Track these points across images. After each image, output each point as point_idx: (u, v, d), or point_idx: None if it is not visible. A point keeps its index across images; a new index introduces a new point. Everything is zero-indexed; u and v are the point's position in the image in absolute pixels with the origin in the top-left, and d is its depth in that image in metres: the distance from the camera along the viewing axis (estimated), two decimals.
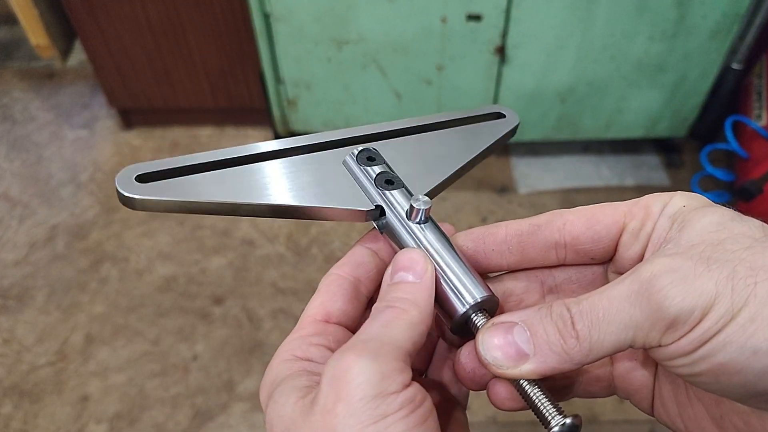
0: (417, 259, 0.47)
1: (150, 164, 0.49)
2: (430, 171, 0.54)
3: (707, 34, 2.19)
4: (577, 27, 2.16)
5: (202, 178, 0.50)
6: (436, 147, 0.57)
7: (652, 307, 0.38)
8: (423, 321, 0.44)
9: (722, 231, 0.40)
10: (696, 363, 0.38)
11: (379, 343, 0.41)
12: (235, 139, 2.85)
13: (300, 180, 0.52)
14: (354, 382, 0.38)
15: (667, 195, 0.45)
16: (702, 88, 2.38)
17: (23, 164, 2.81)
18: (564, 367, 0.42)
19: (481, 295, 0.47)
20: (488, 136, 0.58)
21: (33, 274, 2.40)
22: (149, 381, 2.10)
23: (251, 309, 2.25)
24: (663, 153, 2.74)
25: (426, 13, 2.14)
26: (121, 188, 0.48)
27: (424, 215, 0.49)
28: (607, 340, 0.40)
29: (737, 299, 0.36)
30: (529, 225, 0.49)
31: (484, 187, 2.61)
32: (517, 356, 0.43)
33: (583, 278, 0.52)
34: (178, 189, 0.49)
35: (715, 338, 0.37)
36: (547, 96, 2.39)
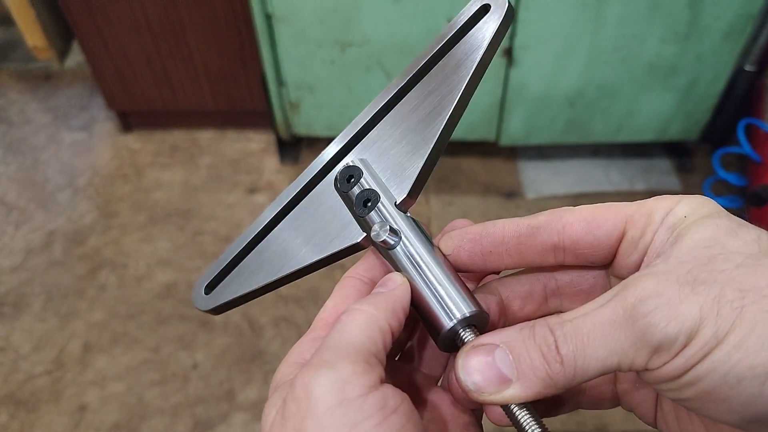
0: (391, 277, 0.48)
1: (209, 272, 0.56)
2: (410, 157, 0.51)
3: (720, 35, 2.19)
4: (587, 28, 2.16)
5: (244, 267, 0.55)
6: (415, 113, 0.53)
7: (637, 334, 0.38)
8: (383, 318, 0.44)
9: (714, 247, 0.39)
10: (682, 389, 0.38)
11: (334, 350, 0.41)
12: (236, 142, 2.85)
13: (303, 235, 0.53)
14: (315, 396, 0.39)
15: (673, 200, 0.44)
16: (714, 91, 2.38)
17: (19, 168, 2.82)
18: (548, 392, 0.41)
19: (469, 311, 0.46)
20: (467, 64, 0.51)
21: (30, 281, 2.41)
22: (148, 390, 2.11)
23: (252, 317, 2.26)
24: (674, 157, 2.73)
25: (432, 13, 2.14)
26: (199, 306, 0.56)
27: (392, 238, 0.49)
28: (592, 366, 0.39)
29: (723, 324, 0.36)
30: (528, 227, 0.48)
31: (491, 192, 2.61)
32: (499, 382, 0.42)
33: (585, 282, 0.51)
34: (232, 288, 0.55)
35: (700, 365, 0.36)
36: (556, 99, 2.39)
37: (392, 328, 0.45)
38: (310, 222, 0.54)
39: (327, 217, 0.53)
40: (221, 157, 2.80)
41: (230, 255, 0.56)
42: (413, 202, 0.52)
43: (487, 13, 0.51)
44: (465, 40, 0.52)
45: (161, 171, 2.76)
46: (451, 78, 0.52)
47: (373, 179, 0.52)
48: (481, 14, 0.52)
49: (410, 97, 0.54)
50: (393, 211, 0.50)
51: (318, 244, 0.52)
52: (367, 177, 0.52)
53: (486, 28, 0.51)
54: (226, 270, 0.56)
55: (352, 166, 0.53)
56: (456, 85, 0.51)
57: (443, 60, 0.53)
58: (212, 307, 0.55)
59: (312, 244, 0.52)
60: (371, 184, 0.51)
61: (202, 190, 2.68)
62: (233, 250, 0.56)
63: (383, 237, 0.48)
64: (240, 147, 2.84)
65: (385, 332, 0.44)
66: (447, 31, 0.53)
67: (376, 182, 0.52)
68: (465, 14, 0.52)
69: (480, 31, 0.51)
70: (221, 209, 2.59)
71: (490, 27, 0.51)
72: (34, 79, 3.25)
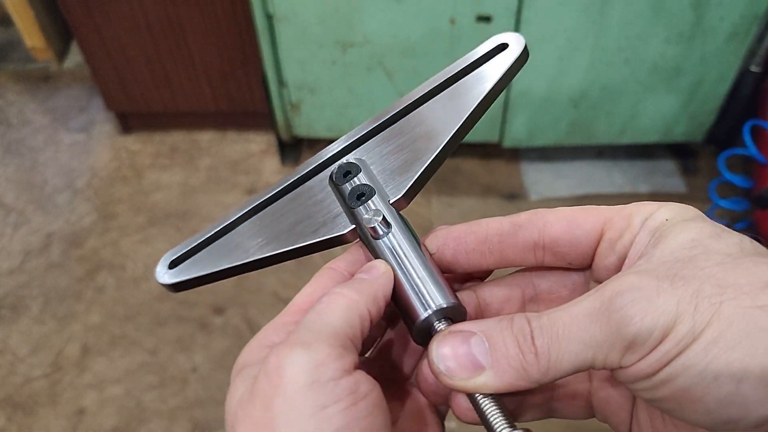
0: (375, 264, 0.48)
1: (177, 248, 0.56)
2: (410, 162, 0.53)
3: (725, 36, 2.19)
4: (590, 29, 2.16)
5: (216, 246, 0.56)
6: (422, 126, 0.55)
7: (612, 327, 0.38)
8: (363, 304, 0.44)
9: (696, 248, 0.39)
10: (657, 387, 0.38)
11: (312, 331, 0.41)
12: (236, 143, 2.86)
13: (289, 221, 0.54)
14: (287, 374, 0.39)
15: (653, 206, 0.44)
16: (719, 92, 2.38)
17: (18, 169, 2.83)
18: (520, 384, 0.41)
19: (447, 302, 0.46)
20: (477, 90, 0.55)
21: (27, 283, 2.41)
22: (147, 393, 2.11)
23: (252, 318, 2.26)
24: (679, 158, 2.73)
25: (434, 14, 2.14)
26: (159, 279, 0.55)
27: (382, 228, 0.50)
28: (566, 359, 0.39)
29: (700, 319, 0.35)
30: (510, 224, 0.48)
31: (493, 194, 2.61)
32: (472, 368, 0.42)
33: (563, 289, 0.51)
34: (200, 265, 0.55)
35: (675, 361, 0.36)
36: (560, 100, 2.39)
37: (371, 315, 0.45)
38: (297, 211, 0.55)
39: (315, 208, 0.54)
40: (221, 159, 2.81)
41: (205, 234, 0.56)
42: (406, 205, 0.53)
43: (504, 50, 0.55)
44: (479, 71, 0.55)
45: (161, 172, 2.77)
46: (459, 102, 0.55)
47: (370, 178, 0.53)
48: (499, 50, 0.55)
49: (417, 113, 0.56)
50: (385, 207, 0.51)
51: (301, 231, 0.53)
52: (363, 175, 0.54)
53: (501, 63, 0.55)
54: (198, 248, 0.56)
55: (351, 162, 0.55)
56: (463, 108, 0.54)
57: (454, 85, 0.56)
58: (172, 282, 0.55)
59: (295, 231, 0.53)
60: (368, 180, 0.53)
61: (202, 191, 2.68)
62: (210, 230, 0.56)
63: (374, 224, 0.49)
64: (240, 148, 2.84)
65: (364, 318, 0.44)
66: (463, 60, 0.56)
67: (372, 181, 0.53)
68: (484, 47, 0.56)
69: (494, 65, 0.55)
70: (220, 210, 2.60)
71: (505, 62, 0.54)
72: (32, 79, 3.26)
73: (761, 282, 0.36)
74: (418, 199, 2.03)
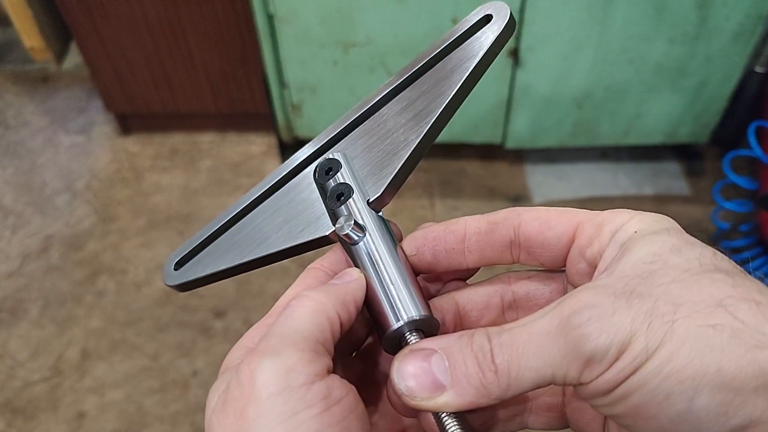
0: (348, 271, 0.49)
1: (181, 248, 0.57)
2: (391, 155, 0.53)
3: (730, 36, 2.19)
4: (594, 29, 2.16)
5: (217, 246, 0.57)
6: (404, 114, 0.54)
7: (569, 345, 0.38)
8: (331, 307, 0.44)
9: (656, 262, 0.39)
10: (614, 403, 0.38)
11: (281, 338, 0.41)
12: (237, 145, 2.86)
13: (276, 221, 0.55)
14: (258, 383, 0.39)
15: (626, 216, 0.44)
16: (724, 93, 2.38)
17: (16, 171, 2.83)
18: (481, 402, 0.41)
19: (418, 314, 0.46)
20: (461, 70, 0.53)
21: (27, 287, 2.41)
22: (148, 398, 2.11)
23: (254, 322, 2.22)
24: (684, 160, 2.73)
25: (436, 13, 2.14)
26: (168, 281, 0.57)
27: (356, 233, 0.49)
28: (526, 377, 0.39)
29: (653, 337, 0.36)
30: (487, 223, 0.49)
31: (497, 196, 2.61)
32: (432, 387, 0.42)
33: (541, 296, 0.51)
34: (201, 266, 0.56)
35: (630, 378, 0.36)
36: (563, 101, 2.39)
37: (341, 319, 0.45)
38: (285, 210, 0.55)
39: (301, 207, 0.54)
40: (222, 160, 2.80)
41: (205, 234, 0.57)
42: (387, 202, 0.52)
43: (488, 23, 0.52)
44: (463, 47, 0.53)
45: (161, 174, 2.77)
46: (443, 82, 0.53)
47: (351, 174, 0.53)
48: (483, 23, 0.53)
49: (401, 97, 0.55)
50: (363, 208, 0.51)
51: (289, 232, 0.53)
52: (345, 171, 0.53)
53: (485, 38, 0.52)
54: (199, 248, 0.57)
55: (332, 158, 0.54)
56: (447, 89, 0.52)
57: (439, 64, 0.54)
58: (179, 283, 0.56)
59: (283, 231, 0.53)
60: (347, 179, 0.52)
61: (203, 193, 2.68)
62: (208, 229, 0.57)
63: (346, 231, 0.49)
64: (241, 150, 2.84)
65: (333, 321, 0.44)
66: (447, 37, 0.54)
67: (353, 177, 0.53)
68: (467, 22, 0.53)
69: (479, 40, 0.53)
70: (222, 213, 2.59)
71: (489, 36, 0.52)
72: (31, 80, 3.26)
73: (714, 300, 0.36)
74: (422, 201, 2.04)
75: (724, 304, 0.36)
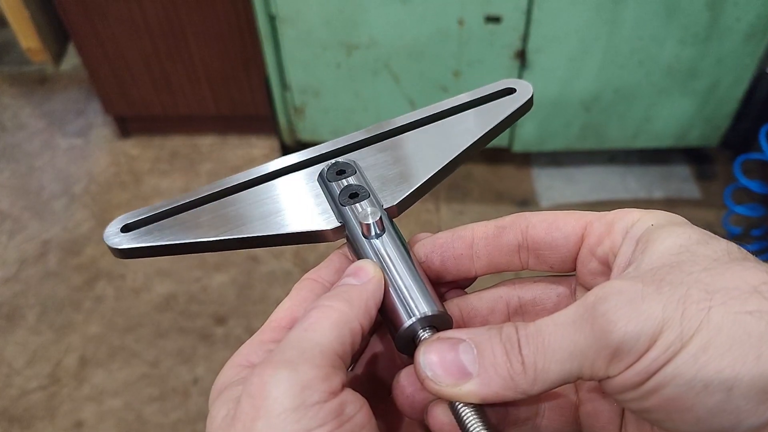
0: (364, 266, 0.48)
1: (134, 213, 0.55)
2: (407, 176, 0.55)
3: (741, 37, 2.19)
4: (602, 30, 2.16)
5: (178, 220, 0.55)
6: (422, 145, 0.57)
7: (596, 333, 0.37)
8: (355, 318, 0.44)
9: (684, 253, 0.39)
10: (645, 397, 0.37)
11: (299, 350, 0.41)
12: (238, 148, 2.86)
13: (270, 207, 0.55)
14: (271, 397, 0.38)
15: (636, 213, 0.44)
16: (735, 95, 2.38)
17: (13, 175, 2.83)
18: (507, 395, 0.40)
19: (432, 310, 0.46)
20: (482, 123, 0.58)
21: (24, 292, 2.41)
22: (147, 406, 2.10)
23: (255, 329, 2.23)
24: (694, 163, 2.73)
25: (442, 15, 2.14)
26: (107, 240, 0.54)
27: (377, 228, 0.50)
28: (552, 369, 0.39)
29: (688, 325, 0.35)
30: (495, 227, 0.49)
31: (504, 200, 2.60)
32: (459, 374, 0.41)
33: (548, 300, 0.51)
34: (158, 234, 0.54)
35: (664, 369, 0.35)
36: (571, 103, 2.39)
37: (363, 329, 0.45)
38: (276, 200, 0.55)
39: (301, 199, 0.55)
40: (223, 164, 2.80)
41: (168, 204, 0.56)
42: (396, 215, 0.54)
43: (510, 94, 0.59)
44: (483, 108, 0.59)
45: (160, 178, 2.77)
46: (462, 130, 0.58)
47: (364, 181, 0.54)
48: (506, 93, 0.59)
49: (421, 132, 0.59)
50: (379, 209, 0.52)
51: (278, 221, 0.53)
52: (357, 177, 0.55)
53: (507, 106, 0.58)
54: (159, 216, 0.55)
55: (346, 162, 0.56)
56: (463, 140, 0.57)
57: (458, 116, 0.59)
58: (123, 247, 0.53)
59: (271, 219, 0.53)
60: (363, 183, 0.54)
61: None
62: (173, 202, 0.56)
63: (370, 221, 0.50)
64: (242, 153, 2.84)
65: (356, 333, 0.44)
66: (470, 95, 0.60)
67: (365, 184, 0.54)
68: (491, 88, 0.60)
69: (500, 106, 0.59)
70: None
71: (511, 106, 0.58)
72: (28, 82, 3.26)
73: (750, 286, 0.36)
74: (427, 205, 2.04)
75: (760, 290, 0.35)
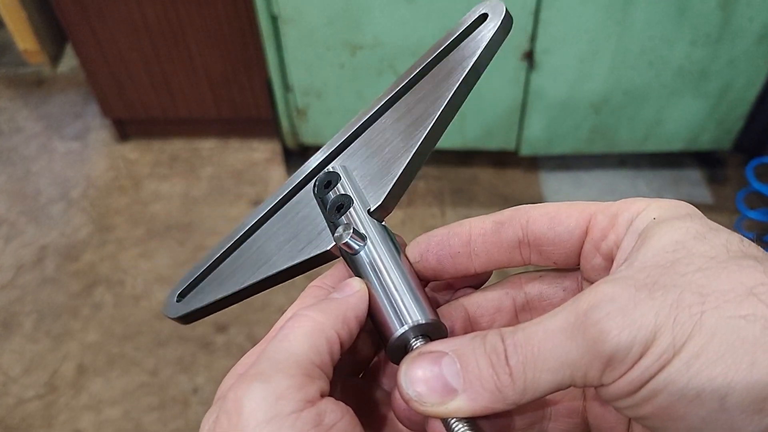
0: (349, 282, 0.48)
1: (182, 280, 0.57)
2: (388, 166, 0.53)
3: (754, 38, 2.18)
4: (612, 30, 2.16)
5: (218, 273, 0.57)
6: (396, 125, 0.55)
7: (588, 343, 0.36)
8: (330, 327, 0.43)
9: (679, 251, 0.38)
10: (639, 405, 0.36)
11: (272, 361, 0.41)
12: (239, 152, 2.85)
13: (278, 241, 0.54)
14: (246, 411, 0.38)
15: (642, 203, 0.43)
16: (748, 97, 2.37)
17: (9, 179, 2.83)
18: (497, 407, 0.40)
19: (424, 318, 0.45)
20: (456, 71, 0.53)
21: (20, 299, 2.41)
22: (146, 415, 2.10)
23: (257, 337, 2.25)
24: (705, 167, 2.73)
25: (447, 14, 2.14)
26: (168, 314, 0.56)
27: (356, 242, 0.49)
28: (542, 379, 0.38)
29: (680, 331, 0.34)
30: (493, 223, 0.48)
31: (511, 205, 2.57)
32: (443, 391, 0.40)
33: (555, 295, 0.50)
34: (203, 295, 0.56)
35: (656, 377, 0.35)
36: (580, 105, 2.39)
37: (341, 338, 0.44)
38: (286, 229, 0.55)
39: (302, 225, 0.54)
40: (224, 168, 2.80)
41: (206, 262, 0.57)
42: (389, 210, 0.52)
43: (484, 22, 0.53)
44: (460, 48, 0.54)
45: (160, 182, 2.77)
46: (440, 86, 0.53)
47: (351, 186, 0.53)
48: (479, 22, 0.54)
49: (399, 105, 0.56)
50: (364, 217, 0.51)
51: (290, 251, 0.53)
52: (344, 183, 0.53)
53: (481, 37, 0.53)
54: (201, 276, 0.57)
55: (331, 172, 0.55)
56: (443, 93, 0.53)
57: (436, 68, 0.55)
58: (182, 314, 0.55)
59: (285, 251, 0.53)
60: (347, 190, 0.53)
61: (204, 202, 2.68)
62: (210, 256, 0.57)
63: (345, 239, 0.49)
64: (244, 157, 2.84)
65: (332, 342, 0.43)
66: (444, 39, 0.55)
67: (353, 189, 0.53)
68: (463, 23, 0.54)
69: (475, 40, 0.53)
70: (224, 223, 2.59)
71: (486, 35, 0.53)
72: (25, 84, 3.26)
73: (745, 288, 0.35)
74: (432, 210, 2.03)
75: (755, 293, 0.35)
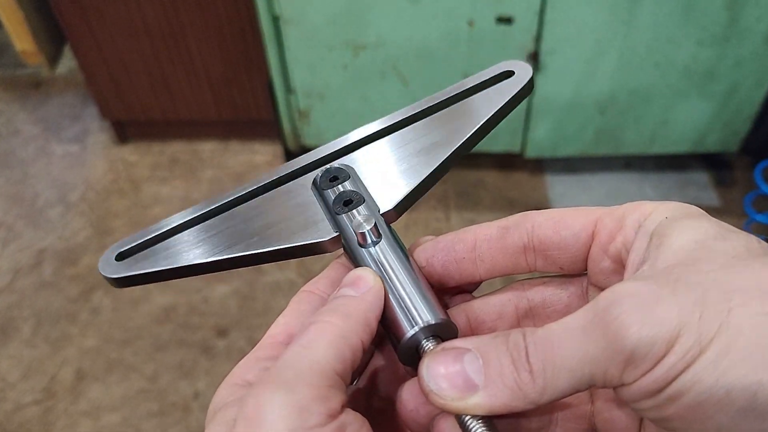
0: (362, 275, 0.47)
1: (128, 239, 0.55)
2: (403, 175, 0.54)
3: (761, 38, 2.18)
4: (618, 31, 2.16)
5: (174, 242, 0.55)
6: (418, 141, 0.56)
7: (608, 339, 0.36)
8: (354, 333, 0.43)
9: (700, 249, 0.38)
10: (663, 406, 0.36)
11: (296, 370, 0.40)
12: (240, 154, 2.85)
13: (261, 222, 0.54)
14: (268, 420, 0.38)
15: (649, 206, 0.43)
16: (755, 98, 2.37)
17: (7, 182, 2.82)
18: (516, 405, 0.39)
19: (435, 318, 0.45)
20: (480, 113, 0.56)
21: (18, 304, 2.40)
22: (146, 421, 2.09)
23: (258, 341, 2.24)
24: (712, 170, 2.72)
25: (452, 15, 2.14)
26: (102, 270, 0.54)
27: (373, 236, 0.49)
28: (562, 377, 0.38)
29: (706, 329, 0.34)
30: (498, 228, 0.48)
31: (516, 208, 2.59)
32: (464, 386, 0.40)
33: (559, 302, 0.50)
34: (153, 259, 0.54)
35: (682, 376, 0.34)
36: (586, 107, 2.38)
37: (364, 344, 0.44)
38: (272, 213, 0.55)
39: (294, 212, 0.54)
40: (224, 171, 2.80)
41: (163, 227, 0.55)
42: (396, 218, 0.53)
43: (509, 78, 0.58)
44: (483, 94, 0.58)
45: (160, 185, 2.76)
46: (461, 121, 0.57)
47: (358, 186, 0.54)
48: (504, 77, 0.58)
49: (414, 128, 0.58)
50: (376, 215, 0.51)
51: (275, 235, 0.53)
52: (352, 182, 0.54)
53: (506, 90, 0.57)
54: (153, 241, 0.55)
55: (339, 167, 0.55)
56: (462, 130, 0.56)
57: (457, 105, 0.58)
58: (120, 276, 0.53)
59: (267, 234, 0.53)
60: (358, 188, 0.53)
61: None
62: (169, 223, 0.55)
63: (364, 230, 0.49)
64: (244, 159, 2.84)
65: (356, 350, 0.43)
66: (468, 81, 0.59)
67: (360, 189, 0.53)
68: (489, 72, 0.58)
69: (498, 91, 0.57)
70: None
71: (510, 90, 0.57)
72: (22, 86, 3.26)
73: None
74: (437, 214, 2.03)
75: None
